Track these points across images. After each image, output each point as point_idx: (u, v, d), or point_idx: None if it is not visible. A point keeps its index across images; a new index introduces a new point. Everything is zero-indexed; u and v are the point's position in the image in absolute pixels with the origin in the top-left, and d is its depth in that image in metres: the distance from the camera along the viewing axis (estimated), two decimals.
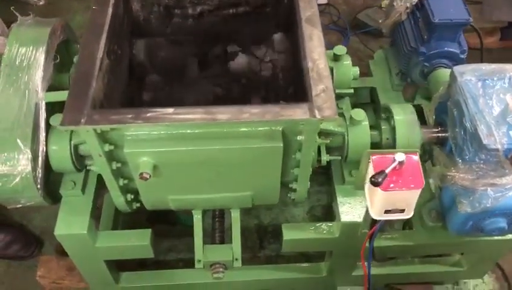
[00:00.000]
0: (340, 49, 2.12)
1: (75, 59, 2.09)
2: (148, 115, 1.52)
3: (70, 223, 1.97)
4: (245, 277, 2.40)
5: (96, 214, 2.09)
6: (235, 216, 2.02)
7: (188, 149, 1.64)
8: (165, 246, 2.82)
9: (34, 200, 1.91)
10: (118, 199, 1.88)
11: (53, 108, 1.91)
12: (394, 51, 2.69)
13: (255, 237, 2.86)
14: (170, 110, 1.54)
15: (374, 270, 2.36)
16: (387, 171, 1.48)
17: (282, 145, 1.65)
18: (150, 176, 1.63)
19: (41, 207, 2.01)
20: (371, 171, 1.56)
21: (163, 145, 1.64)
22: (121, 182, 1.82)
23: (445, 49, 2.34)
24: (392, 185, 1.49)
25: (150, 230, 2.07)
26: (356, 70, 2.20)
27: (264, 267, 2.50)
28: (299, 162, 1.77)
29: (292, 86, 2.02)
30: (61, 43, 2.11)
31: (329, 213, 2.90)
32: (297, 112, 1.55)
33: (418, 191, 1.52)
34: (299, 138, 1.67)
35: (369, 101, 2.69)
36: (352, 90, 2.19)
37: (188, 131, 1.64)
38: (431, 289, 2.60)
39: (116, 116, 1.53)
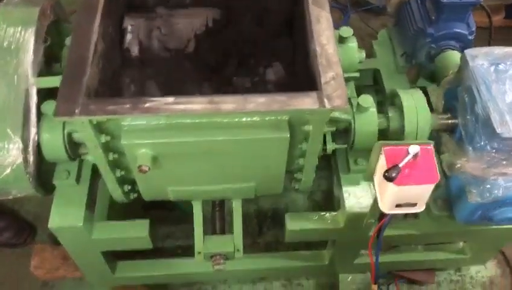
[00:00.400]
0: (346, 31, 2.02)
1: (67, 41, 1.97)
2: (147, 105, 1.42)
3: (65, 215, 1.88)
4: (245, 265, 2.35)
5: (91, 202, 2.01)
6: (237, 206, 1.94)
7: (188, 140, 1.55)
8: (163, 233, 2.76)
9: (25, 191, 1.82)
10: (114, 190, 1.80)
11: (45, 94, 1.80)
12: (399, 31, 2.58)
13: (254, 222, 2.80)
14: (170, 99, 1.45)
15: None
16: (401, 165, 1.40)
17: (288, 136, 1.57)
18: (149, 169, 1.55)
19: None
20: (382, 164, 1.49)
21: (162, 136, 1.55)
22: (118, 173, 1.73)
23: (454, 30, 2.25)
24: (405, 180, 1.42)
25: (148, 221, 2.00)
26: (362, 53, 2.10)
27: (265, 256, 2.45)
28: (305, 153, 1.69)
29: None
30: (52, 23, 1.98)
31: (329, 198, 2.85)
32: (305, 102, 1.46)
33: (433, 186, 1.45)
34: (306, 127, 1.59)
35: (372, 83, 2.60)
36: (358, 74, 2.09)
37: (189, 121, 1.55)
38: (433, 275, 2.57)
39: (113, 106, 1.43)
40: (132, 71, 1.89)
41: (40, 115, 1.77)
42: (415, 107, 1.87)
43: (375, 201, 1.75)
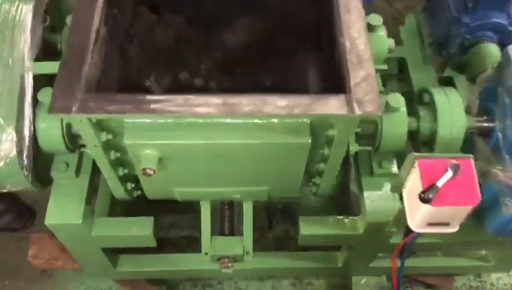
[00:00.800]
0: (376, 19, 1.82)
1: (68, 20, 1.79)
2: (153, 106, 1.25)
3: (63, 211, 1.74)
4: (253, 264, 2.20)
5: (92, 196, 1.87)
6: (248, 208, 1.79)
7: (199, 143, 1.39)
8: (167, 222, 2.63)
9: (20, 185, 1.68)
10: (116, 188, 1.66)
11: (42, 80, 1.64)
12: (429, 18, 2.39)
13: (263, 216, 2.65)
14: (179, 98, 1.28)
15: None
16: (439, 184, 1.24)
17: (310, 141, 1.40)
18: (154, 172, 1.39)
19: None
20: (415, 179, 1.32)
21: (170, 137, 1.39)
22: (121, 171, 1.58)
23: (492, 20, 2.07)
24: (442, 201, 1.26)
25: (152, 218, 1.86)
26: (392, 42, 1.90)
27: (274, 255, 2.31)
28: (327, 158, 1.52)
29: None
30: (52, 1, 1.80)
31: (343, 192, 2.69)
32: (332, 106, 1.29)
33: (472, 208, 1.29)
34: (330, 132, 1.42)
35: (397, 72, 2.42)
36: (386, 66, 1.90)
37: (201, 121, 1.38)
38: (452, 280, 2.43)
39: (115, 105, 1.27)
40: (141, 59, 1.70)
41: (36, 102, 1.61)
42: (450, 108, 1.69)
43: (401, 213, 1.60)
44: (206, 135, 1.39)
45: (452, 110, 1.69)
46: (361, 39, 1.41)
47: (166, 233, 2.60)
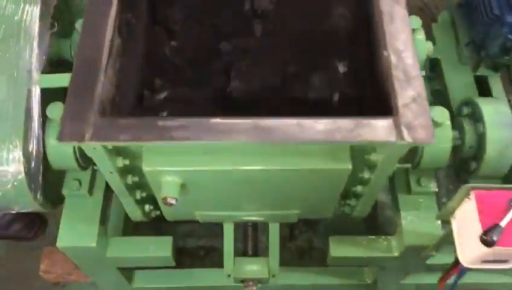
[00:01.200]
0: (415, 21, 1.64)
1: (77, 24, 1.64)
2: (176, 133, 1.10)
3: (76, 233, 1.61)
4: (278, 280, 2.08)
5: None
6: (274, 228, 1.66)
7: (227, 169, 1.25)
8: (184, 231, 2.49)
9: (30, 207, 1.55)
10: (134, 213, 1.53)
11: (51, 93, 1.50)
12: (466, 15, 2.21)
13: (284, 225, 2.51)
14: (205, 122, 1.13)
15: (427, 279, 2.05)
16: (503, 224, 1.08)
17: (350, 167, 1.25)
18: (176, 201, 1.25)
19: None
20: (471, 212, 1.17)
21: (194, 162, 1.24)
22: (138, 195, 1.45)
23: None
24: (504, 241, 1.10)
25: (170, 238, 1.73)
26: (430, 46, 1.74)
27: (299, 270, 2.17)
28: (368, 181, 1.37)
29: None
30: (60, 2, 1.65)
31: None
32: (377, 131, 1.14)
33: None
34: (373, 157, 1.27)
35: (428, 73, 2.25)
36: (424, 73, 1.73)
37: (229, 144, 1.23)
38: None
39: (133, 131, 1.12)
40: (160, 71, 1.56)
41: (45, 118, 1.47)
42: (499, 123, 1.53)
43: (446, 238, 1.46)
44: (234, 160, 1.24)
45: (501, 126, 1.53)
46: (408, 52, 1.24)
47: (183, 242, 2.47)
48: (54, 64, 1.61)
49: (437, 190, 1.67)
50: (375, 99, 1.30)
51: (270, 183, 1.32)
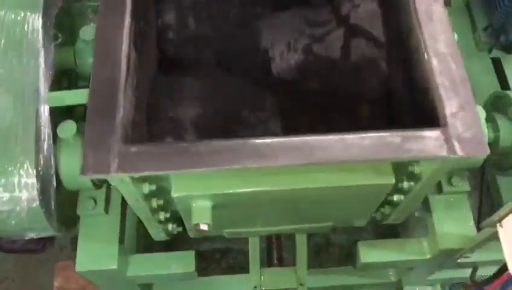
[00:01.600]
0: None
1: (81, 33, 1.52)
2: (209, 158, 1.01)
3: (95, 255, 1.53)
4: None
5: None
6: (301, 239, 1.58)
7: (263, 190, 1.16)
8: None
9: (44, 232, 1.46)
10: (157, 234, 1.44)
11: (60, 111, 1.40)
12: None
13: None
14: (239, 144, 1.04)
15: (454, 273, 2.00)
16: None
17: (393, 181, 1.17)
18: (209, 226, 1.17)
19: None
20: None
21: (227, 185, 1.15)
22: (163, 216, 1.35)
23: None
24: None
25: (193, 253, 1.65)
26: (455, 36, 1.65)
27: (323, 273, 2.11)
28: (407, 191, 1.29)
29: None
30: (61, 9, 1.53)
31: None
32: (427, 145, 1.05)
33: None
34: (416, 169, 1.18)
35: None
36: None
37: None
38: None
39: (163, 159, 1.03)
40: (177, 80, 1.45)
41: (55, 138, 1.37)
42: None
43: (483, 242, 1.40)
44: (270, 181, 1.15)
45: None
46: (453, 55, 1.15)
47: (197, 246, 2.39)
48: (56, 73, 1.50)
49: (469, 189, 1.61)
50: (412, 106, 1.21)
51: (307, 200, 1.24)
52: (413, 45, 1.22)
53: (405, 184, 1.26)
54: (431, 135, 1.06)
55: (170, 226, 1.45)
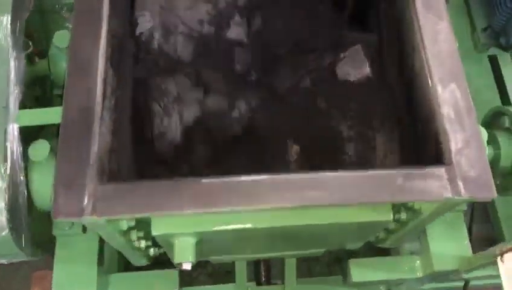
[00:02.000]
0: None
1: (55, 39, 1.40)
2: (194, 201, 0.92)
3: (73, 278, 1.45)
4: None
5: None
6: (291, 262, 1.51)
7: (249, 227, 1.07)
8: None
9: (16, 258, 1.36)
10: (138, 261, 1.35)
11: (30, 131, 1.28)
12: None
13: None
14: (230, 183, 0.95)
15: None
16: None
17: (391, 218, 1.09)
18: (193, 264, 1.08)
19: None
20: None
21: (212, 223, 1.06)
22: (144, 244, 1.26)
23: None
24: None
25: (177, 272, 1.57)
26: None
27: (312, 282, 2.05)
28: (405, 223, 1.21)
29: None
30: (32, 13, 1.40)
31: None
32: (430, 185, 0.97)
33: None
34: (416, 205, 1.11)
35: None
36: None
37: None
38: None
39: (143, 201, 0.93)
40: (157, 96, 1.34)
41: (26, 160, 1.26)
42: None
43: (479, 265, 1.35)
44: (260, 218, 1.06)
45: None
46: (458, 82, 1.06)
47: None
48: (26, 83, 1.37)
49: (466, 208, 1.55)
50: (413, 134, 1.13)
51: (298, 233, 1.16)
52: (416, 66, 1.13)
53: (403, 215, 1.19)
54: (435, 174, 0.98)
55: (152, 251, 1.36)
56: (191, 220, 1.05)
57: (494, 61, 2.17)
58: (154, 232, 1.06)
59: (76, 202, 0.93)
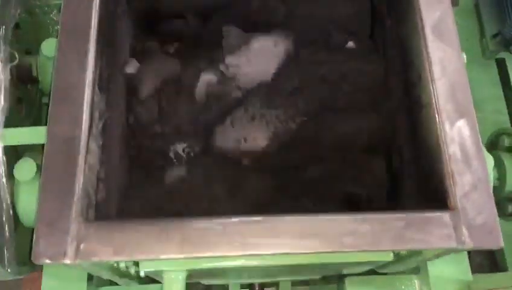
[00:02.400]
0: None
1: (43, 47, 1.33)
2: (183, 245, 0.87)
3: None
4: None
5: None
6: (285, 284, 1.47)
7: (241, 265, 1.02)
8: None
9: (2, 278, 1.32)
10: (128, 283, 1.30)
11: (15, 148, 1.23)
12: (493, 2, 1.94)
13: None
14: (221, 224, 0.90)
15: None
16: None
17: (392, 258, 1.04)
18: None
19: None
20: None
21: (203, 262, 1.01)
22: (133, 270, 1.22)
23: None
24: None
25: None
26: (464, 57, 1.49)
27: None
28: (405, 257, 1.16)
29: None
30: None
31: None
32: (433, 233, 0.91)
33: None
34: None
35: None
36: None
37: None
38: None
39: (130, 243, 0.88)
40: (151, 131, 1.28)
41: (12, 180, 1.21)
42: None
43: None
44: (257, 258, 1.02)
45: None
46: (467, 118, 1.00)
47: None
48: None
49: None
50: (414, 173, 1.07)
51: (295, 267, 1.12)
52: (423, 97, 1.06)
53: (403, 252, 1.14)
54: (438, 220, 0.93)
55: (142, 274, 1.31)
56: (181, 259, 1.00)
57: (501, 64, 2.10)
58: (142, 269, 1.01)
59: (59, 243, 0.88)
